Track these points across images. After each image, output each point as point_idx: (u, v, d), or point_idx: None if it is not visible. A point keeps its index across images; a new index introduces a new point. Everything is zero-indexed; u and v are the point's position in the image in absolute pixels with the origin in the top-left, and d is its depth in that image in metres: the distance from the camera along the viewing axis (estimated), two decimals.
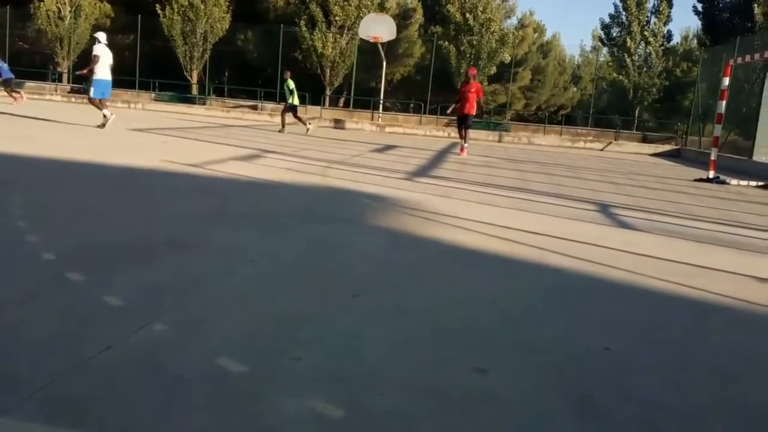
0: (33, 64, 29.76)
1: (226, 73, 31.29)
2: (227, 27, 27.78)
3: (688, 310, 2.92)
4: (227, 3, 27.62)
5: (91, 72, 10.93)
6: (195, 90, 27.94)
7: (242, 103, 26.17)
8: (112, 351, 1.90)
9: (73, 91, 25.98)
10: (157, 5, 26.88)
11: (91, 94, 10.92)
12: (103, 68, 11.03)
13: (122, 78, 26.25)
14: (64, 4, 27.82)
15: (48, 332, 2.03)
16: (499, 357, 2.13)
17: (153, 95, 25.54)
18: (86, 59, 29.78)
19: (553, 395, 1.84)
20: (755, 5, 23.73)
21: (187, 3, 26.76)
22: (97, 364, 1.81)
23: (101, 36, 11.29)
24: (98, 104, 10.90)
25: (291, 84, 15.07)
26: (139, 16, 26.23)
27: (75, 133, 10.00)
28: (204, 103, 25.23)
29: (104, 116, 10.69)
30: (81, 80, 27.83)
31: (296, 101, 15.53)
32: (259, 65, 30.30)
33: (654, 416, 1.76)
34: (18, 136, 8.59)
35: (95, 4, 28.43)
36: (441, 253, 3.72)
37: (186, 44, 27.37)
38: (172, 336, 2.08)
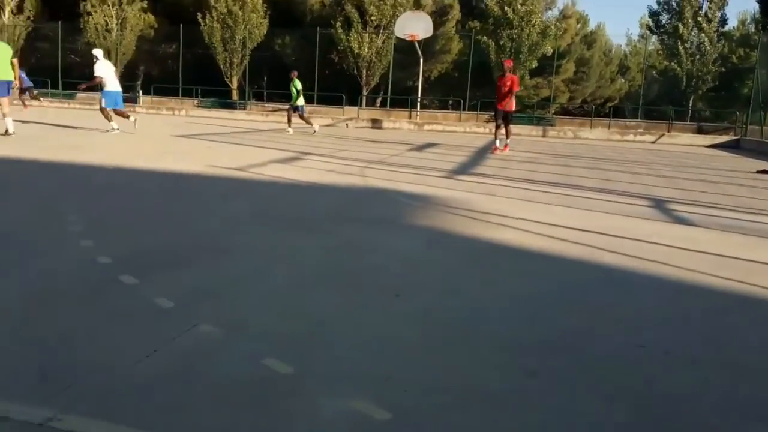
0: (83, 76, 30.98)
1: (265, 78, 31.85)
2: (265, 32, 28.31)
3: (743, 306, 2.81)
4: (264, 8, 28.14)
5: (97, 87, 11.55)
6: (235, 95, 28.60)
7: (281, 106, 26.56)
8: (160, 352, 1.97)
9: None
10: (197, 14, 27.61)
11: (103, 104, 11.45)
12: (111, 80, 11.59)
13: (166, 86, 27.16)
14: (111, 17, 28.90)
15: (101, 332, 2.13)
16: (547, 358, 2.10)
17: (196, 102, 26.25)
18: (133, 68, 31.04)
19: (604, 397, 1.80)
20: None
21: (225, 11, 27.40)
22: (146, 363, 1.89)
23: (98, 53, 11.91)
24: (107, 114, 11.42)
25: (298, 84, 15.26)
26: (181, 25, 26.99)
27: (120, 140, 10.37)
28: (244, 108, 25.79)
29: (112, 128, 11.22)
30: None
31: (301, 101, 15.76)
32: (297, 68, 30.72)
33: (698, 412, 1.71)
34: (73, 146, 8.98)
35: (140, 15, 29.41)
36: (484, 251, 3.69)
37: (226, 51, 28.02)
38: (217, 337, 2.14)
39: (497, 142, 11.55)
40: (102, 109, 11.45)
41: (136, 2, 29.13)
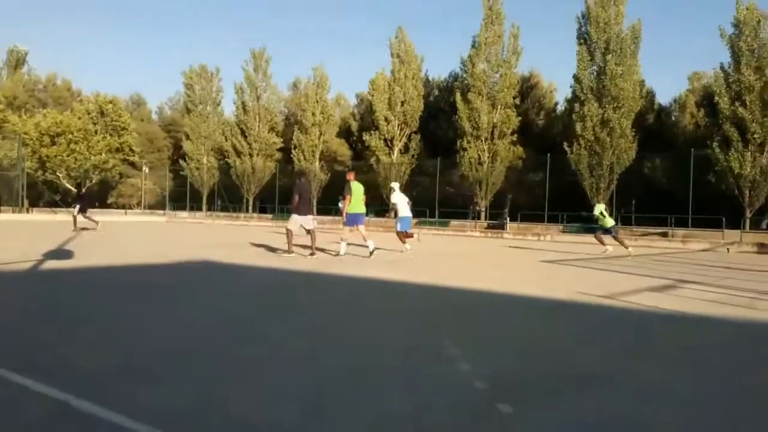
0: (457, 206, 35.65)
1: (633, 202, 31.15)
2: (633, 156, 28.12)
3: None
4: (633, 133, 28.16)
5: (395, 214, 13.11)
6: None
7: (650, 230, 25.45)
8: None
9: (489, 227, 29.80)
10: (564, 143, 29.28)
11: (398, 227, 12.69)
12: (403, 207, 12.70)
13: (532, 212, 29.00)
14: (484, 151, 32.89)
15: None
16: None
17: (561, 227, 27.16)
18: (501, 197, 34.21)
19: None
20: None
21: (593, 138, 28.35)
22: None
23: (395, 185, 13.31)
24: (402, 237, 12.54)
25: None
26: (548, 155, 28.92)
27: (475, 265, 11.07)
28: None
29: (405, 249, 12.31)
30: (497, 217, 31.85)
31: (610, 222, 14.94)
32: (668, 191, 29.34)
33: None
34: (437, 268, 9.45)
35: (509, 148, 32.71)
36: None
37: (593, 176, 28.67)
38: None
39: None
40: (398, 233, 12.67)
41: (506, 136, 32.58)
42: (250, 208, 43.08)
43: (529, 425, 2.55)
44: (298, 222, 11.16)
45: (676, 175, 28.42)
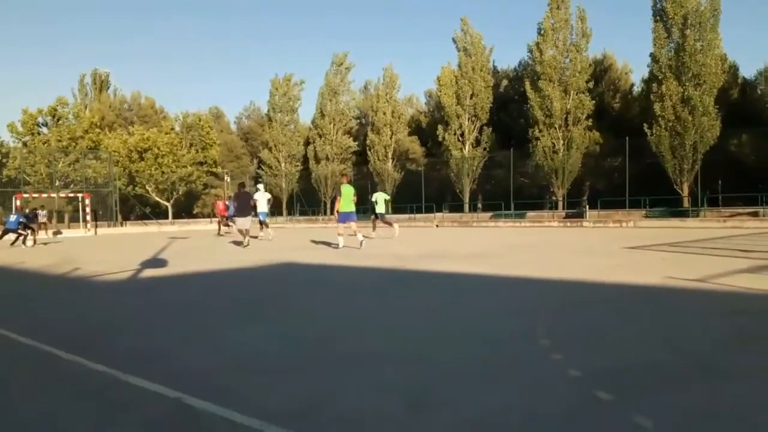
0: (532, 196, 35.78)
1: (720, 182, 30.32)
2: (717, 134, 27.45)
3: None
4: (716, 110, 27.47)
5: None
6: (686, 202, 28.11)
7: (740, 210, 24.84)
8: None
9: (567, 216, 29.89)
10: (643, 125, 28.92)
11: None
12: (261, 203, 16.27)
13: (612, 198, 28.85)
14: (558, 138, 32.91)
15: None
16: None
17: (644, 212, 26.95)
18: (579, 184, 33.97)
19: None
20: None
21: (673, 117, 27.88)
22: None
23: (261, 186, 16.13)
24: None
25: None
26: (627, 138, 28.66)
27: (564, 253, 10.80)
28: (697, 215, 25.09)
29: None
30: (575, 206, 31.83)
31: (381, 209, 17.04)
32: (757, 168, 28.41)
33: None
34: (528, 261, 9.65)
35: (584, 134, 32.57)
36: None
37: (675, 158, 28.22)
38: None
39: None
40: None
41: (581, 122, 32.47)
42: (328, 210, 44.89)
43: (630, 414, 2.56)
44: (240, 223, 14.80)
45: (765, 151, 27.48)
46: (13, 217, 18.49)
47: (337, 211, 13.13)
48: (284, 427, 2.48)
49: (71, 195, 32.59)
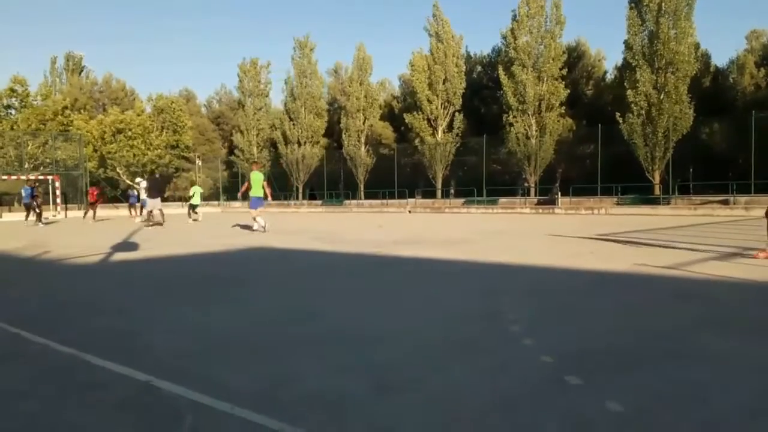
0: (504, 183, 35.91)
1: (691, 170, 30.81)
2: (690, 123, 27.80)
3: None
4: (689, 98, 27.81)
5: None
6: (657, 190, 28.44)
7: (711, 198, 25.24)
8: None
9: (540, 203, 30.07)
10: (616, 113, 29.16)
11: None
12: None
13: (584, 186, 29.08)
14: (531, 125, 33.00)
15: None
16: None
17: (615, 200, 27.21)
18: (552, 171, 34.27)
19: None
20: None
21: (646, 105, 28.15)
22: None
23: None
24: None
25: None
26: (599, 125, 28.87)
27: (541, 240, 10.84)
28: (668, 203, 25.42)
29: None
30: (547, 193, 32.04)
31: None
32: (728, 157, 28.92)
33: None
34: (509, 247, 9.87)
35: (558, 120, 32.70)
36: None
37: (647, 145, 28.46)
38: None
39: None
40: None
41: (555, 109, 32.59)
42: (300, 195, 44.45)
43: (595, 395, 2.61)
44: (151, 205, 17.63)
45: (736, 140, 27.92)
46: (24, 192, 21.04)
47: (250, 197, 14.04)
48: (253, 410, 2.48)
49: (41, 177, 31.90)
